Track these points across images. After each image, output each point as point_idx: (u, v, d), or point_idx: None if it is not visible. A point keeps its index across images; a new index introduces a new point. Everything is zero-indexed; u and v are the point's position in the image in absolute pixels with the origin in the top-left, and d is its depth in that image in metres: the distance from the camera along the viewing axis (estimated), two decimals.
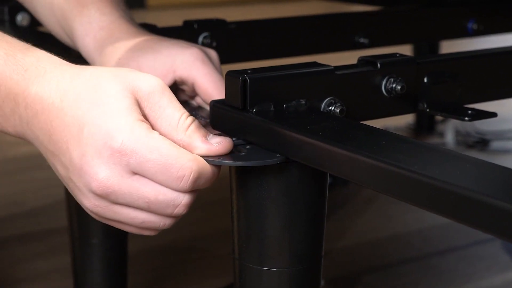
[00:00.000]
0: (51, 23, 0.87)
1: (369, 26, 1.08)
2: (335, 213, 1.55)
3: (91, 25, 0.81)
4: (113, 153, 0.57)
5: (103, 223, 0.63)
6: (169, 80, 0.75)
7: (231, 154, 0.61)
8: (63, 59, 0.63)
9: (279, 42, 1.03)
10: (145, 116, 0.60)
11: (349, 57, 0.79)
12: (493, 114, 0.69)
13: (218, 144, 0.60)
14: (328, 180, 0.64)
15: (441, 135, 2.00)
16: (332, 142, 0.56)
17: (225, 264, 1.27)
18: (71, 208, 0.98)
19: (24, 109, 0.60)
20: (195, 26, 0.95)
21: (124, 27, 0.80)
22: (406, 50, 1.40)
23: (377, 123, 0.67)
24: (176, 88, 0.78)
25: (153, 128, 0.60)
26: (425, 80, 0.71)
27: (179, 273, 1.31)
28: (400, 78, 0.69)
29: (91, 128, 0.58)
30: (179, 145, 0.59)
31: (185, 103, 0.79)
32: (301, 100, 0.64)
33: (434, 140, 1.99)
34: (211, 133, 0.62)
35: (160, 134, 0.59)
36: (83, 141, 0.58)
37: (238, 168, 0.63)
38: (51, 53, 0.63)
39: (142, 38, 0.78)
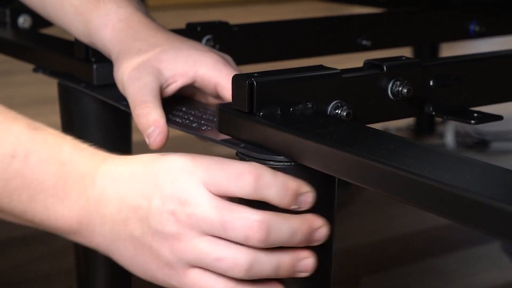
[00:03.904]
0: (62, 20, 0.87)
1: (372, 28, 1.08)
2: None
3: (109, 17, 0.81)
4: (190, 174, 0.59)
5: None
6: (190, 78, 0.76)
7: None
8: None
9: (282, 44, 1.03)
10: None
11: (351, 59, 0.79)
12: (498, 117, 0.69)
13: None
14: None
15: (441, 136, 2.00)
16: (341, 146, 0.56)
17: None
18: None
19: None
20: (198, 28, 0.95)
21: (143, 21, 0.81)
22: (406, 52, 1.40)
23: (378, 124, 0.67)
24: (195, 90, 0.80)
25: None
26: (431, 83, 0.71)
27: None
28: (406, 81, 0.69)
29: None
30: None
31: (204, 105, 0.81)
32: (307, 103, 0.64)
33: (434, 141, 1.99)
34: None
35: None
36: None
37: None
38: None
39: (163, 35, 0.79)
